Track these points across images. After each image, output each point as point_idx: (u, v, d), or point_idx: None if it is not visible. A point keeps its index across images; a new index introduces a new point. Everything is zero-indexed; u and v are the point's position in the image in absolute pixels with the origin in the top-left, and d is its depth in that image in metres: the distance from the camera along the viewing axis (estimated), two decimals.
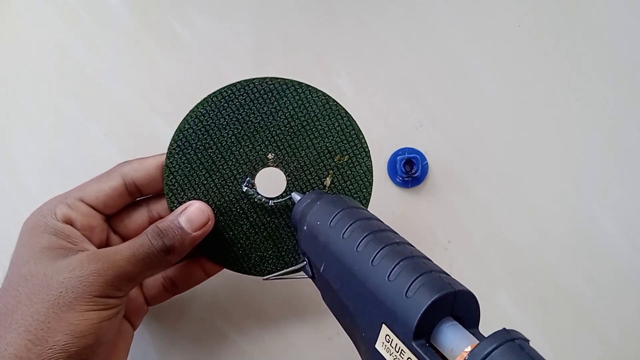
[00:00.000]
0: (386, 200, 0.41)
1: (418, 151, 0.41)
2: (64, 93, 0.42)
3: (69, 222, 0.32)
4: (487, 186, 0.42)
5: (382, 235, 0.27)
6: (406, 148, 0.41)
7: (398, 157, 0.41)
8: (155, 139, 0.42)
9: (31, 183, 0.42)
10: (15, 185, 0.42)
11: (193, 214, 0.33)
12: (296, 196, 0.34)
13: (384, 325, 0.24)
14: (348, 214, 0.29)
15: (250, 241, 0.35)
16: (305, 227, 0.31)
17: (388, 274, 0.24)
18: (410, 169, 0.41)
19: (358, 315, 0.26)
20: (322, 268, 0.29)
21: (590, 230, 0.42)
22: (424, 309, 0.22)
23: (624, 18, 0.43)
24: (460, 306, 0.23)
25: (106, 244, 0.34)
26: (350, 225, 0.28)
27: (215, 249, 0.35)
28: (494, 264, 0.42)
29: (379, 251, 0.26)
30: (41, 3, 0.43)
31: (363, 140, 0.35)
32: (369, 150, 0.35)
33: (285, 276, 0.34)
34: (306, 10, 0.43)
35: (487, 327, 0.42)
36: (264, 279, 0.34)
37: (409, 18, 0.43)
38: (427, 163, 0.42)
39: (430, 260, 0.26)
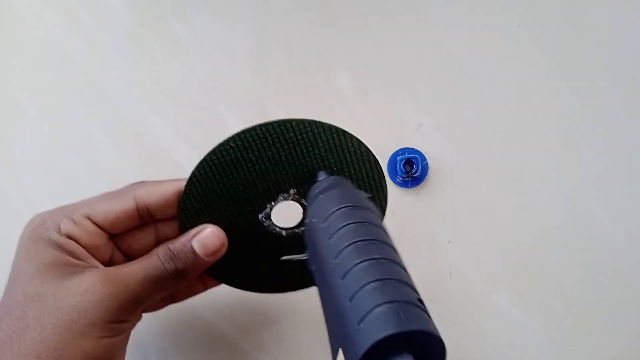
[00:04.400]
0: None
1: (418, 151, 0.41)
2: (64, 93, 0.42)
3: (73, 239, 0.31)
4: (487, 186, 0.42)
5: (365, 246, 0.24)
6: (406, 148, 0.41)
7: (398, 157, 0.41)
8: (155, 139, 0.42)
9: (31, 183, 0.42)
10: (15, 185, 0.42)
11: (207, 239, 0.32)
12: (322, 175, 0.32)
13: (340, 350, 0.22)
14: (344, 214, 0.27)
15: (258, 264, 0.35)
16: (307, 220, 0.29)
17: (352, 295, 0.22)
18: (410, 169, 0.41)
19: (328, 331, 0.25)
20: (313, 268, 0.28)
21: (590, 230, 0.42)
22: (367, 347, 0.20)
23: (624, 18, 0.43)
24: (420, 346, 0.21)
25: (109, 261, 0.33)
26: (340, 228, 0.26)
27: (221, 270, 0.34)
28: (494, 263, 0.42)
29: (353, 266, 0.23)
30: (41, 3, 0.43)
31: (384, 185, 0.35)
32: (387, 193, 0.35)
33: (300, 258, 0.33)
34: (306, 10, 0.43)
35: (487, 327, 0.42)
36: (281, 259, 0.33)
37: (409, 18, 0.43)
38: (427, 163, 0.41)
39: (411, 286, 0.23)
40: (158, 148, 0.42)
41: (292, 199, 0.34)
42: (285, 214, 0.34)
